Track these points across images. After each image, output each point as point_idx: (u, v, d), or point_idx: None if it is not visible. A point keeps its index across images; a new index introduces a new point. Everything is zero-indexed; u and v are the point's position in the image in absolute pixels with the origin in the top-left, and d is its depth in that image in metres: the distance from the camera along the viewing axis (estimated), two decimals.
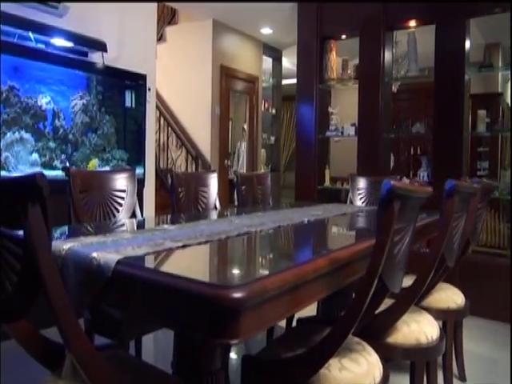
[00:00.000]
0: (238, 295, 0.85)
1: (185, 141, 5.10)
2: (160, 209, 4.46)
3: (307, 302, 1.13)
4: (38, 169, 2.84)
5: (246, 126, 5.53)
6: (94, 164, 3.05)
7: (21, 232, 0.86)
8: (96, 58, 3.33)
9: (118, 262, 1.05)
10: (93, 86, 3.27)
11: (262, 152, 6.05)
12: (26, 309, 0.88)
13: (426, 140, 4.46)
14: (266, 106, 5.97)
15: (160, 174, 4.90)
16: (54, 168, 2.93)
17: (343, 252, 1.31)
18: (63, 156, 3.00)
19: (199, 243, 1.33)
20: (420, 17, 3.59)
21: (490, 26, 4.54)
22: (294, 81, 6.88)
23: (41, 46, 3.01)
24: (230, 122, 5.54)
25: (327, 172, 4.24)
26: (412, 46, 3.66)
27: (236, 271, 1.19)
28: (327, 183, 4.21)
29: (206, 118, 5.03)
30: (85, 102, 3.14)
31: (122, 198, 2.17)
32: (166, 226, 1.60)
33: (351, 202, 3.17)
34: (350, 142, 5.35)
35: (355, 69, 3.97)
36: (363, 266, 1.45)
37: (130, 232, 1.47)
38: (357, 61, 4.06)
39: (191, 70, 5.12)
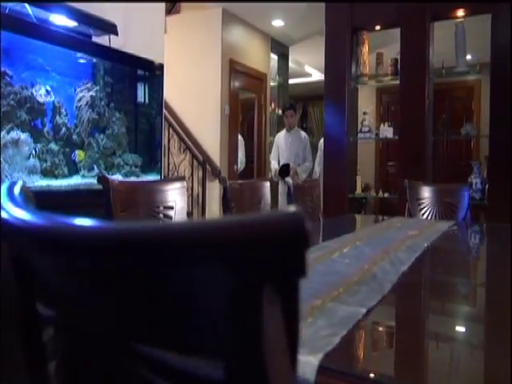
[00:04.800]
0: None
1: (189, 144, 4.53)
2: None
3: None
4: (37, 177, 2.23)
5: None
6: (81, 155, 2.41)
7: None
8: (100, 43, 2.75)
9: (320, 370, 0.56)
10: (99, 76, 2.68)
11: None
12: None
13: (477, 143, 4.10)
14: (273, 106, 5.46)
15: None
16: (56, 176, 2.33)
17: None
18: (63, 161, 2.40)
19: (383, 298, 0.83)
20: (471, 5, 3.20)
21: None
22: (296, 81, 6.39)
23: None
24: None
25: (358, 178, 3.79)
26: (460, 38, 3.27)
27: None
28: (359, 191, 3.77)
29: (215, 118, 4.48)
30: (93, 94, 2.55)
31: (170, 218, 1.62)
32: None
33: (410, 215, 2.72)
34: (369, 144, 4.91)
35: (393, 63, 3.55)
36: None
37: None
38: (390, 54, 3.64)
39: (196, 64, 4.56)
